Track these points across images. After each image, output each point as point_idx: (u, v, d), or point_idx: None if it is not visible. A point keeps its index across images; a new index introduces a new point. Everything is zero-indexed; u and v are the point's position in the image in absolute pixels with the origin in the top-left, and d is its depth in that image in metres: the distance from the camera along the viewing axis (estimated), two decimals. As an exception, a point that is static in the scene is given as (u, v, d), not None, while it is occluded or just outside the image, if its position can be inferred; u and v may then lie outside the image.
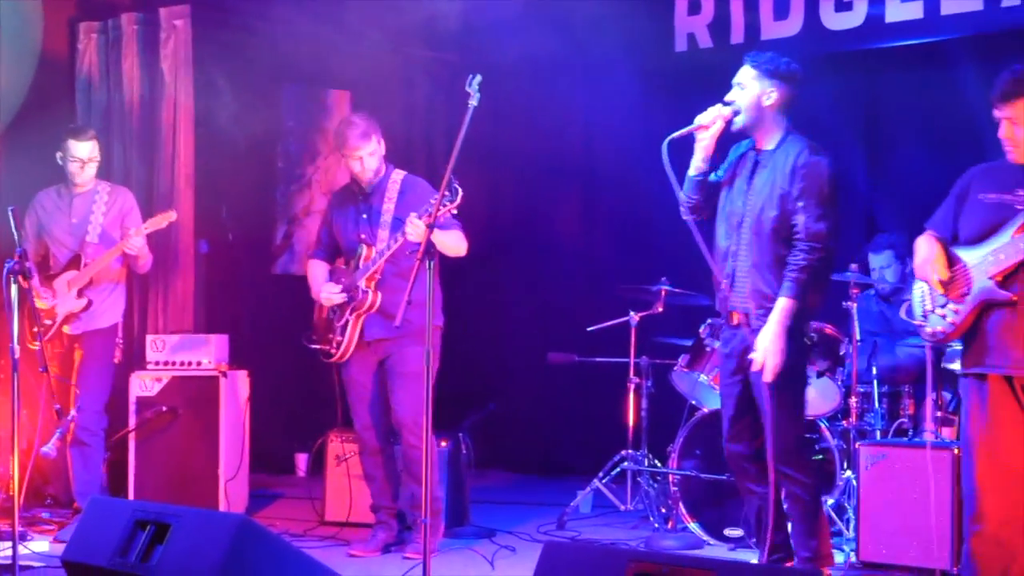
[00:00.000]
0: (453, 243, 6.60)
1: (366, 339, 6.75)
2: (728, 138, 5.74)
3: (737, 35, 8.95)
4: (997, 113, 4.88)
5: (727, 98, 5.64)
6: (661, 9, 9.31)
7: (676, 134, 5.60)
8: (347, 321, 6.74)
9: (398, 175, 6.87)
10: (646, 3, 9.35)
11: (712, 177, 5.77)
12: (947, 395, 7.04)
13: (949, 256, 5.01)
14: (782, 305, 5.43)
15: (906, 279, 7.60)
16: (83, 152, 7.28)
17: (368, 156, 6.74)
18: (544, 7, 9.23)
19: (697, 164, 5.73)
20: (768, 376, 5.42)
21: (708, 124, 5.62)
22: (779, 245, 5.51)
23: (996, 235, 4.83)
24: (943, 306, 4.98)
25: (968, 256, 4.93)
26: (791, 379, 5.52)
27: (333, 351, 6.80)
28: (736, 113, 5.62)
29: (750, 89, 5.62)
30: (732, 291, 5.63)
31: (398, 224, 6.61)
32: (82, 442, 7.17)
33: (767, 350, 5.41)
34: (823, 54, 8.57)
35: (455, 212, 6.28)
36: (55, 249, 7.37)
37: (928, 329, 5.05)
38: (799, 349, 5.54)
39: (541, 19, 9.23)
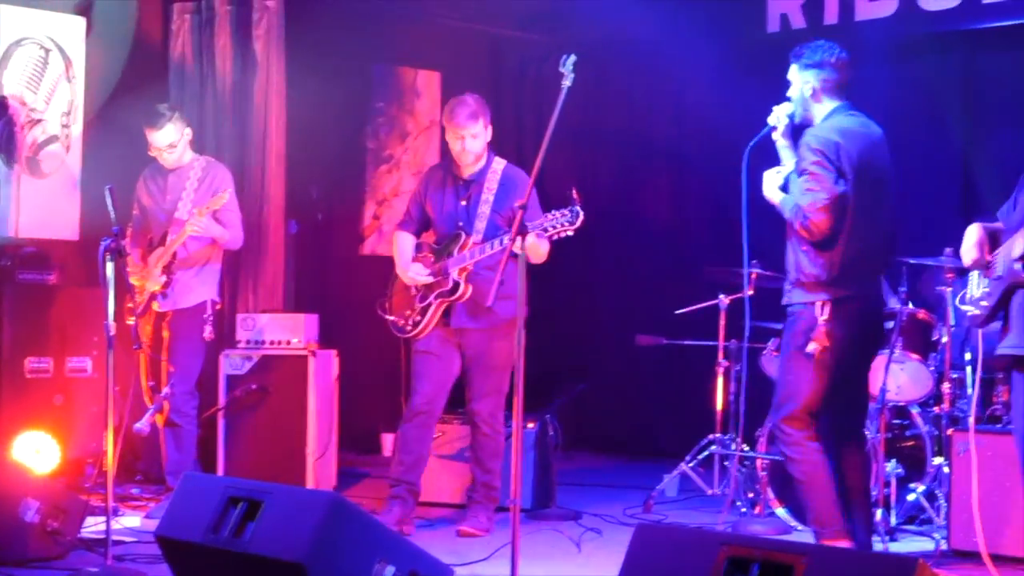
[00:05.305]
0: (541, 253, 6.57)
1: (451, 325, 6.77)
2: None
3: (831, 16, 8.85)
4: None
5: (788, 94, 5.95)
6: (753, -11, 9.24)
7: (753, 142, 5.85)
8: (430, 304, 6.74)
9: (499, 164, 6.84)
10: (738, -17, 9.30)
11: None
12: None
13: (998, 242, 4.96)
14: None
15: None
16: (161, 140, 7.30)
17: (471, 138, 6.70)
18: (635, -14, 9.19)
19: (785, 162, 5.90)
20: None
21: (775, 124, 5.88)
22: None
23: None
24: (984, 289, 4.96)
25: (1007, 241, 4.88)
26: None
27: (409, 328, 6.81)
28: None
29: (794, 83, 5.89)
30: None
31: (494, 222, 6.65)
32: (174, 423, 7.23)
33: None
34: (919, 34, 8.47)
35: (571, 234, 6.09)
36: (153, 225, 7.43)
37: (969, 313, 5.02)
38: None
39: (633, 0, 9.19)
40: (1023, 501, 5.96)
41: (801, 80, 5.86)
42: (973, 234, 5.01)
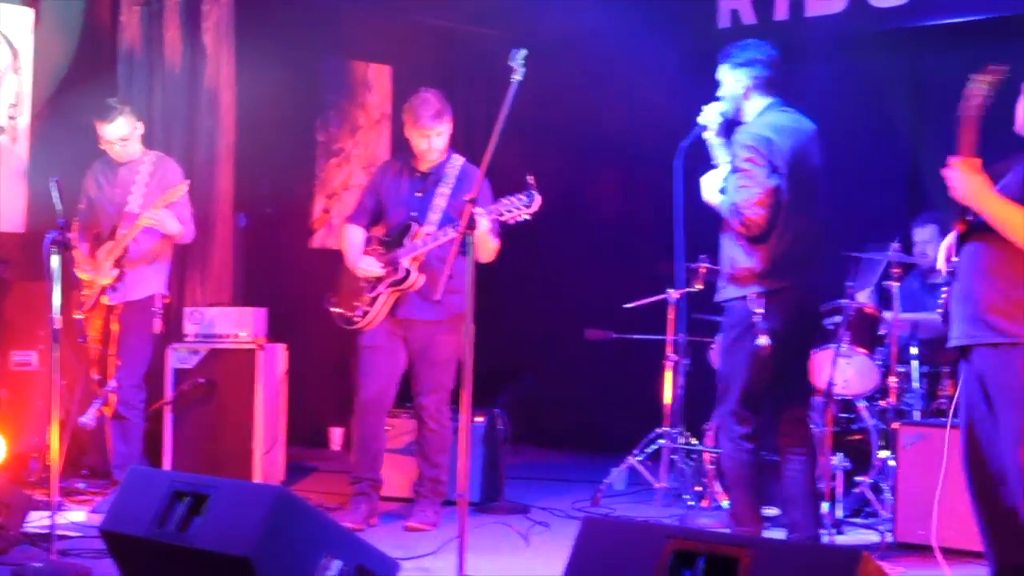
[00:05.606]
0: (491, 248, 6.56)
1: (397, 316, 6.74)
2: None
3: (781, 12, 8.89)
4: None
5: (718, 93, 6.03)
6: (704, -15, 9.27)
7: (686, 141, 6.04)
8: (380, 294, 6.71)
9: (457, 161, 6.83)
10: (690, -22, 9.32)
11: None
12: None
13: None
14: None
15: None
16: (112, 134, 7.27)
17: (437, 136, 6.69)
18: (587, -19, 9.20)
19: (719, 160, 5.96)
20: None
21: (706, 123, 5.95)
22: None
23: None
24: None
25: None
26: None
27: (357, 319, 6.77)
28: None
29: (725, 83, 5.97)
30: None
31: (449, 215, 6.60)
32: (121, 416, 7.20)
33: None
34: (869, 31, 8.52)
35: (528, 217, 6.11)
36: (102, 218, 7.37)
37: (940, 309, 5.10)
38: None
39: (584, -6, 9.20)
40: (966, 494, 5.99)
41: (733, 79, 5.93)
42: (945, 240, 5.09)
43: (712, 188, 5.89)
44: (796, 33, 8.82)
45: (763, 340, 5.66)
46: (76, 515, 6.86)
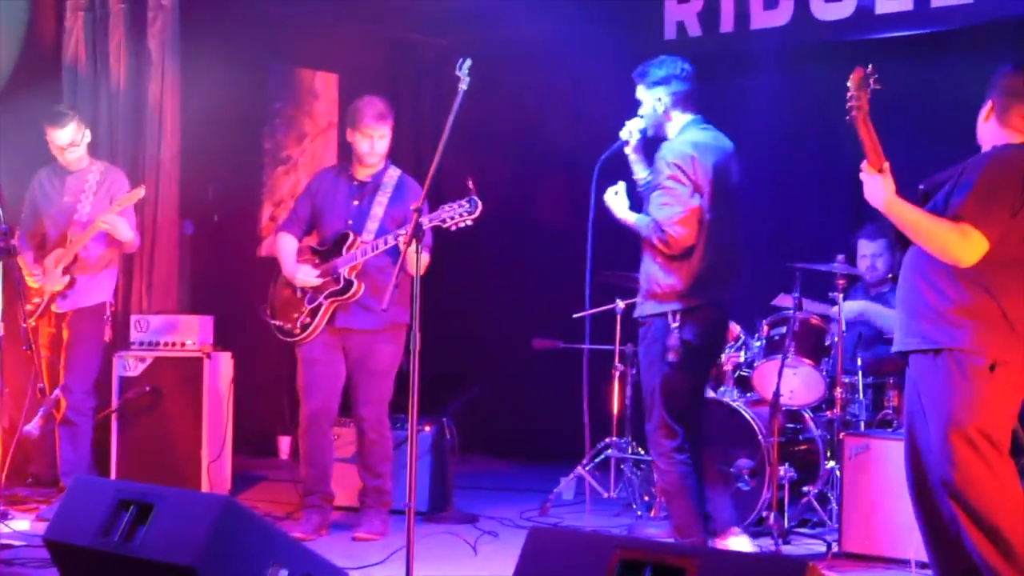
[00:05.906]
0: (422, 265, 6.45)
1: (336, 325, 6.71)
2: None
3: (727, 24, 8.93)
4: None
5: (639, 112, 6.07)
6: (650, -4, 9.30)
7: (605, 154, 6.06)
8: (320, 304, 6.68)
9: (394, 172, 6.83)
10: (636, -10, 9.34)
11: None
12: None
13: None
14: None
15: (894, 270, 7.60)
16: (62, 139, 7.30)
17: (379, 139, 6.70)
18: (533, -7, 9.20)
19: (638, 175, 6.09)
20: None
21: (627, 138, 6.03)
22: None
23: None
24: None
25: None
26: None
27: (297, 331, 6.74)
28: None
29: (644, 101, 6.01)
30: None
31: (385, 225, 6.60)
32: (70, 422, 7.20)
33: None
34: (813, 44, 8.57)
35: (471, 223, 6.04)
36: (48, 227, 7.40)
37: None
38: None
39: (530, 5, 9.20)
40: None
41: (651, 97, 5.96)
42: None
43: (622, 205, 5.92)
44: (741, 45, 8.87)
45: (673, 355, 5.72)
46: (20, 524, 6.80)
